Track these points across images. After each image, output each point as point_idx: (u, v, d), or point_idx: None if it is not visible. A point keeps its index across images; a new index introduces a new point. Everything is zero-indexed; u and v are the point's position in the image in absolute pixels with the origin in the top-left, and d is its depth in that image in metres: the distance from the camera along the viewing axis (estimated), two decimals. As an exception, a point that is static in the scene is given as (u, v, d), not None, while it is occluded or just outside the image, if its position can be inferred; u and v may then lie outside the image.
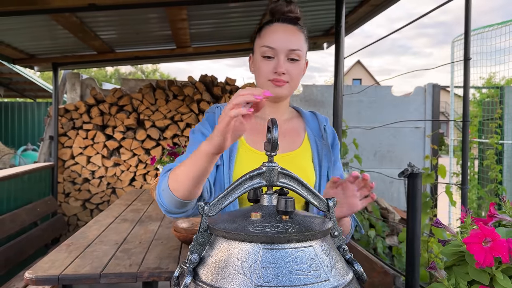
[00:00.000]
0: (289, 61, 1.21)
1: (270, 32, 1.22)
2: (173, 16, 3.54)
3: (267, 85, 1.22)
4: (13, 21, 3.50)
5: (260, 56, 1.22)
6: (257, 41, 1.26)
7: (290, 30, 1.23)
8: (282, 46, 1.20)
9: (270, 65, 1.20)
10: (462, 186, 2.20)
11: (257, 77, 1.25)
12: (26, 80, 8.61)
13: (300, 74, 1.25)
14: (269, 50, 1.20)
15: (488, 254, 0.76)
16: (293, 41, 1.21)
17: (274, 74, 1.20)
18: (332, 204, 0.83)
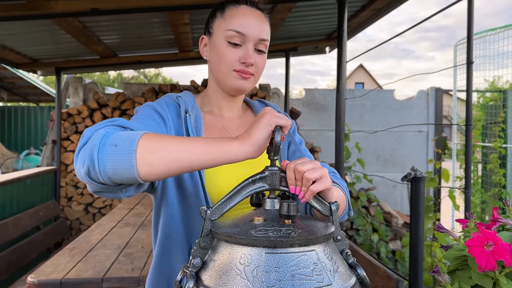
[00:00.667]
0: (256, 52, 1.07)
1: (240, 15, 1.05)
2: (176, 21, 3.55)
3: (231, 76, 1.06)
4: (16, 26, 3.52)
5: (225, 40, 1.05)
6: (219, 22, 1.08)
7: (260, 17, 1.08)
8: (253, 34, 1.05)
9: (236, 53, 1.05)
10: (465, 190, 2.20)
11: (217, 63, 1.07)
12: (29, 85, 8.65)
13: (264, 66, 1.11)
14: (237, 36, 1.04)
15: (490, 258, 0.76)
16: (264, 30, 1.07)
17: (242, 64, 1.05)
18: (335, 208, 0.82)
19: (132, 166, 0.76)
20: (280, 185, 0.82)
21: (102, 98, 5.18)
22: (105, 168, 0.76)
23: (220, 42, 1.06)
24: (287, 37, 4.69)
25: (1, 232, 3.33)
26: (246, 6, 1.07)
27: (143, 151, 0.77)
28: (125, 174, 0.77)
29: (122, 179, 0.77)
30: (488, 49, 4.99)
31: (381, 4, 3.41)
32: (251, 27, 1.04)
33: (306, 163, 0.81)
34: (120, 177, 0.77)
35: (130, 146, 0.76)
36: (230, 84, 1.07)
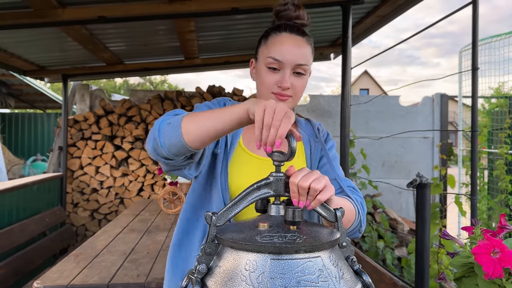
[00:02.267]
0: (294, 75, 1.16)
1: (278, 43, 1.15)
2: (181, 28, 3.58)
3: (270, 97, 1.16)
4: (24, 34, 3.56)
5: (265, 66, 1.16)
6: (263, 48, 1.19)
7: (299, 42, 1.16)
8: (290, 60, 1.13)
9: (274, 77, 1.15)
10: (471, 196, 2.18)
11: (259, 86, 1.20)
12: (37, 91, 8.72)
13: (304, 87, 1.20)
14: (274, 63, 1.14)
15: (496, 265, 0.76)
16: (301, 56, 1.15)
17: (278, 88, 1.15)
18: (340, 215, 0.83)
19: (179, 134, 0.97)
20: (285, 191, 0.83)
21: (108, 105, 5.21)
22: (164, 141, 0.98)
23: (262, 67, 1.17)
24: (292, 44, 4.70)
25: (8, 238, 3.34)
26: (286, 33, 1.16)
27: (185, 124, 0.98)
28: (177, 142, 0.98)
29: (177, 148, 0.99)
30: (493, 55, 4.97)
31: (385, 11, 3.42)
32: (287, 54, 1.13)
33: (308, 176, 0.84)
34: (175, 146, 0.98)
35: (177, 122, 0.99)
36: None
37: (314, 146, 1.27)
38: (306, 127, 1.32)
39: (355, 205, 1.11)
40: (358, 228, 1.12)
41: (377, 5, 3.40)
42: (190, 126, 0.98)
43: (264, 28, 1.26)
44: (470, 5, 2.21)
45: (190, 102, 5.22)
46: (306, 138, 1.28)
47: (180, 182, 3.34)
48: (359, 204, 1.13)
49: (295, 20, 1.19)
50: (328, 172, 1.21)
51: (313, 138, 1.29)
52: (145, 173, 5.17)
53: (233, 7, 3.00)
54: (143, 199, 4.63)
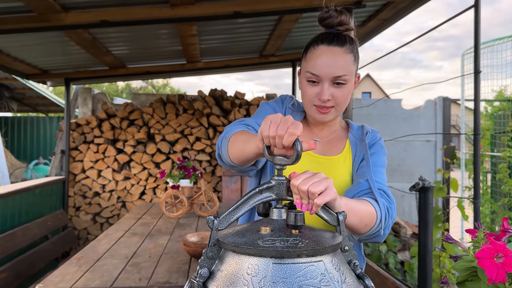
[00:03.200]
0: (334, 86, 1.16)
1: (315, 57, 1.16)
2: (184, 32, 3.59)
3: (312, 110, 1.21)
4: (27, 38, 3.58)
5: (305, 80, 1.19)
6: (303, 62, 1.22)
7: (337, 54, 1.15)
8: (327, 74, 1.15)
9: (314, 90, 1.18)
10: (474, 200, 2.18)
11: (303, 98, 1.23)
12: (39, 95, 8.75)
13: (347, 96, 1.20)
14: (312, 77, 1.16)
15: (500, 270, 0.75)
16: (339, 67, 1.15)
17: (319, 100, 1.17)
18: (342, 218, 0.82)
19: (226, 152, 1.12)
20: (287, 195, 0.82)
21: (110, 109, 5.22)
22: (220, 153, 1.15)
23: (303, 80, 1.21)
24: (293, 47, 4.71)
25: (10, 242, 3.34)
26: (324, 46, 1.16)
27: (230, 144, 1.11)
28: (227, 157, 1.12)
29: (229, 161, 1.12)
30: (496, 58, 4.96)
31: (387, 14, 3.42)
32: (324, 68, 1.15)
33: (308, 179, 0.82)
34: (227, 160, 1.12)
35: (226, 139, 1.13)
36: (312, 116, 1.24)
37: (360, 149, 1.29)
38: (357, 132, 1.36)
39: (378, 209, 1.08)
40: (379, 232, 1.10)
41: (379, 9, 3.40)
42: (232, 148, 1.09)
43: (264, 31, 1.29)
44: (472, 9, 2.21)
45: (192, 106, 5.23)
46: (354, 141, 1.31)
47: (182, 186, 3.34)
48: (384, 209, 1.11)
49: (338, 26, 1.18)
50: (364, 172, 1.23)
51: (360, 140, 1.32)
52: (147, 176, 5.18)
53: (235, 11, 3.00)
54: (145, 203, 4.63)
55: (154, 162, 5.18)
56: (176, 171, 3.37)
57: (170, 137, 5.18)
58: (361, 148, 1.30)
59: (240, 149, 1.05)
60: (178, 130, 5.20)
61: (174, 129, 5.19)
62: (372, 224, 1.06)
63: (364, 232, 1.07)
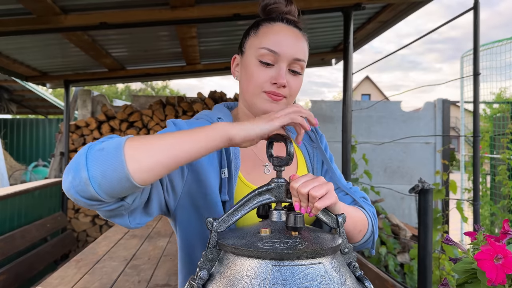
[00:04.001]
0: (290, 73, 0.98)
1: (273, 32, 0.98)
2: (183, 34, 3.59)
3: (260, 97, 0.98)
4: (26, 40, 3.58)
5: (256, 59, 0.97)
6: (252, 40, 1.00)
7: (297, 35, 1.00)
8: (287, 53, 0.96)
9: (268, 73, 0.96)
10: (474, 202, 2.18)
11: (246, 84, 0.99)
12: (38, 97, 8.75)
13: (299, 88, 1.03)
14: (269, 55, 0.96)
15: (500, 271, 0.75)
16: (299, 49, 0.99)
17: (273, 85, 0.96)
18: (342, 221, 0.82)
19: (121, 163, 0.70)
20: (286, 197, 0.82)
21: (110, 110, 5.22)
22: (94, 173, 0.69)
23: (251, 61, 0.98)
24: (293, 50, 4.71)
25: (9, 244, 3.34)
26: (282, 24, 1.00)
27: (130, 149, 0.71)
28: (115, 174, 0.70)
29: (113, 183, 0.70)
30: (495, 61, 4.97)
31: (387, 16, 3.43)
32: (285, 46, 0.96)
33: (308, 182, 0.80)
34: (111, 179, 0.70)
35: (117, 147, 0.71)
36: (259, 106, 0.98)
37: (312, 151, 1.13)
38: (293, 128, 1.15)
39: (368, 216, 1.03)
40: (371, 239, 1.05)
41: (378, 11, 3.40)
42: (137, 153, 0.71)
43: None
44: (472, 11, 2.21)
45: (192, 108, 5.23)
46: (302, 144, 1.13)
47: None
48: (372, 215, 1.05)
49: (286, 15, 1.02)
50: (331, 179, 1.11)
51: (309, 142, 1.14)
52: (146, 178, 5.17)
53: (235, 13, 3.01)
54: (145, 205, 4.62)
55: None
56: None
57: (169, 139, 5.17)
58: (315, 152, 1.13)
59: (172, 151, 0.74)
60: (177, 132, 5.20)
61: (174, 131, 5.20)
62: (365, 230, 1.02)
63: (358, 239, 1.01)
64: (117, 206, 0.77)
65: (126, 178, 0.70)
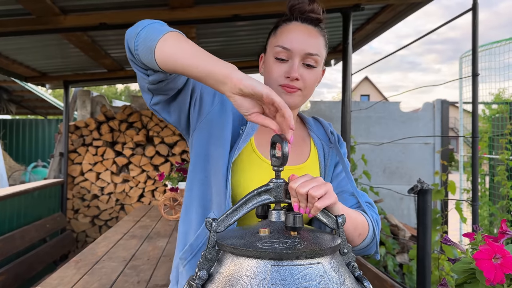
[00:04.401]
0: (304, 66, 1.06)
1: (287, 31, 1.08)
2: (183, 35, 3.59)
3: (277, 91, 1.06)
4: (26, 40, 3.58)
5: (273, 57, 1.07)
6: (272, 39, 1.11)
7: (310, 31, 1.08)
8: (299, 48, 1.05)
9: (282, 68, 1.06)
10: (472, 202, 2.18)
11: (267, 80, 1.10)
12: (38, 98, 8.74)
13: (315, 82, 1.10)
14: (283, 51, 1.05)
15: (498, 271, 0.75)
16: (312, 44, 1.06)
17: (286, 79, 1.05)
18: (342, 221, 0.82)
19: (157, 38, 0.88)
20: (285, 197, 0.83)
21: (109, 111, 5.22)
22: (141, 33, 0.91)
23: (270, 59, 1.09)
24: (292, 50, 4.72)
25: (8, 244, 3.34)
26: (297, 22, 1.09)
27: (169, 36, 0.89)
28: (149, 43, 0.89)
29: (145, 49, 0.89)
30: (493, 61, 4.98)
31: (386, 17, 3.44)
32: (296, 42, 1.05)
33: (307, 183, 0.82)
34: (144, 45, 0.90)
35: (165, 30, 0.90)
36: None
37: (328, 151, 1.18)
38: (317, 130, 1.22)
39: (369, 221, 1.05)
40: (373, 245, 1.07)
41: (377, 12, 3.41)
42: (170, 42, 0.88)
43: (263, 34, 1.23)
44: (470, 12, 2.22)
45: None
46: (319, 142, 1.19)
47: (180, 188, 3.34)
48: (375, 221, 1.08)
49: (309, 13, 1.10)
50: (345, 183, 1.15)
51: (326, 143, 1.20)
52: (145, 179, 5.17)
53: (234, 13, 3.01)
54: (144, 205, 4.62)
55: (152, 164, 5.18)
56: (175, 174, 3.37)
57: (169, 139, 5.18)
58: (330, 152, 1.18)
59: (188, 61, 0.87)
60: (176, 133, 5.20)
61: (173, 131, 5.20)
62: (365, 235, 1.03)
63: (358, 243, 1.03)
64: (143, 75, 0.96)
65: (152, 50, 0.88)
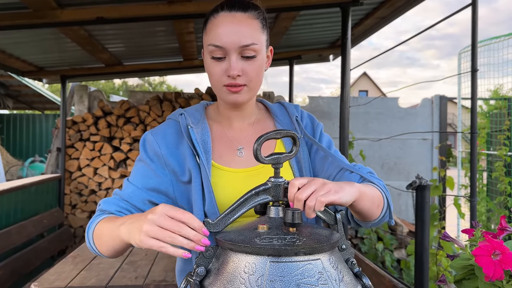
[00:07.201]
0: (243, 59, 0.98)
1: (215, 26, 0.99)
2: (180, 29, 3.57)
3: (222, 91, 1.01)
4: (22, 35, 3.55)
5: (209, 56, 1.00)
6: (204, 36, 1.03)
7: (239, 19, 0.98)
8: (231, 43, 0.96)
9: (221, 67, 0.99)
10: (471, 198, 2.18)
11: (211, 82, 1.04)
12: (35, 92, 8.71)
13: (260, 71, 1.02)
14: (216, 50, 0.98)
15: (497, 267, 0.75)
16: (244, 35, 0.97)
17: (228, 77, 0.99)
18: (340, 218, 0.82)
19: (97, 252, 1.00)
20: (284, 196, 0.82)
21: (107, 106, 5.20)
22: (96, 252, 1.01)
23: (207, 59, 1.02)
24: (291, 45, 4.70)
25: (5, 240, 3.33)
26: (224, 12, 0.99)
27: (95, 240, 0.99)
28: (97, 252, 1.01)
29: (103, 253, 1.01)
30: (492, 57, 4.98)
31: (385, 12, 3.42)
32: (226, 37, 0.97)
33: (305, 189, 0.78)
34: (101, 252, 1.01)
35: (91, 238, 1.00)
36: (224, 99, 1.04)
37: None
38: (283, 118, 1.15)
39: (379, 189, 1.02)
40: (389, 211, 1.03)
41: (376, 7, 3.40)
42: (98, 244, 0.98)
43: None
44: (470, 7, 2.21)
45: (189, 104, 5.21)
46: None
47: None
48: (383, 187, 1.04)
49: None
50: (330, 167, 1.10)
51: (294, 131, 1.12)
52: (143, 174, 5.16)
53: (232, 8, 2.99)
54: (142, 201, 4.61)
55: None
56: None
57: (166, 135, 5.16)
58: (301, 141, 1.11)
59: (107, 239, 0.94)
60: (174, 128, 5.19)
61: (171, 127, 5.19)
62: (382, 204, 1.01)
63: (378, 214, 1.00)
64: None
65: (102, 256, 1.02)
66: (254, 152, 0.80)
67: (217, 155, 1.06)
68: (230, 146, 1.09)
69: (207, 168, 1.01)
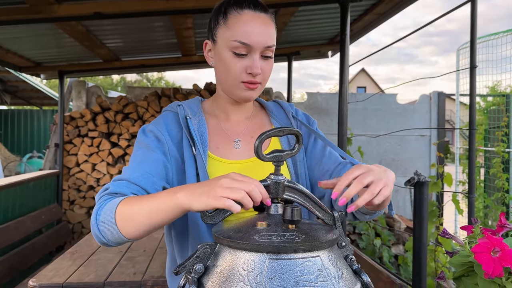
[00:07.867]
0: (262, 59, 1.03)
1: (242, 23, 1.00)
2: (179, 25, 3.56)
3: (239, 87, 1.04)
4: (20, 30, 3.53)
5: (230, 51, 1.01)
6: (223, 30, 1.02)
7: (265, 21, 1.02)
8: (259, 43, 1.00)
9: (242, 63, 1.01)
10: (469, 195, 2.18)
11: (224, 74, 1.04)
12: (33, 88, 8.68)
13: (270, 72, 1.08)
14: (241, 47, 0.99)
15: (497, 264, 0.75)
16: (270, 36, 1.02)
17: (249, 75, 1.01)
18: (338, 217, 0.82)
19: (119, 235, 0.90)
20: (283, 194, 0.81)
21: (105, 102, 5.19)
22: (108, 239, 0.92)
23: (225, 53, 1.02)
24: (289, 41, 4.69)
25: (3, 236, 3.32)
26: (250, 11, 1.01)
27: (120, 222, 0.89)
28: (120, 240, 0.92)
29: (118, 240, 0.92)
30: (491, 54, 4.98)
31: (384, 8, 3.41)
32: (255, 36, 0.99)
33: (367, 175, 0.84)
34: (119, 241, 0.93)
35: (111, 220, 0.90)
36: (238, 95, 1.05)
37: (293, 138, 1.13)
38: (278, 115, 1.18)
39: None
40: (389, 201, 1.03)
41: (375, 3, 3.39)
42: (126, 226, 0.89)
43: None
44: (469, 4, 2.20)
45: (187, 99, 5.20)
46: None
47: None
48: None
49: None
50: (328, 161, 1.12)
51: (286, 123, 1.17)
52: (142, 170, 5.15)
53: (231, 3, 2.98)
54: (140, 197, 4.61)
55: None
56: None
57: (165, 131, 5.15)
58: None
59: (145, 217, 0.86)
60: (173, 124, 5.18)
61: (169, 123, 5.18)
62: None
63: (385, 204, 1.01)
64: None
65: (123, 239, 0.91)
66: (255, 149, 0.79)
67: (213, 147, 1.08)
68: (226, 139, 1.11)
69: (204, 158, 1.03)
